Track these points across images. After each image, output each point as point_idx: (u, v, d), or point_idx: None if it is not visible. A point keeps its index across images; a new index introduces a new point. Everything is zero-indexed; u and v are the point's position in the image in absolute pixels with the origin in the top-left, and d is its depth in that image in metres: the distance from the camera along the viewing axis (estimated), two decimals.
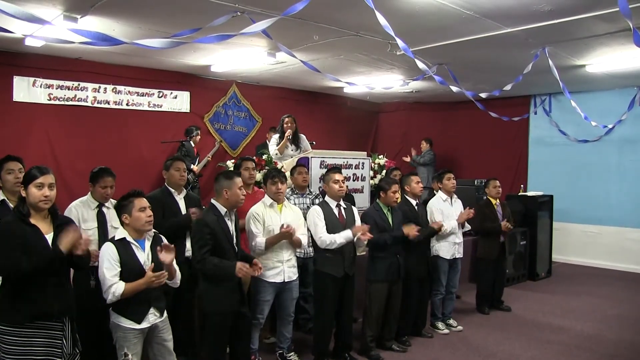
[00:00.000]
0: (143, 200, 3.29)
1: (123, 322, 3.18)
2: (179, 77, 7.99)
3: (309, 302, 5.04)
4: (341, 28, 5.39)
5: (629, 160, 8.69)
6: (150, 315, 3.24)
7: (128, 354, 3.17)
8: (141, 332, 3.22)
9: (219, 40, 4.30)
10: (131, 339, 3.18)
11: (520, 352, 4.89)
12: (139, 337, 3.22)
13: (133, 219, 3.24)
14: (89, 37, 3.84)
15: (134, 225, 3.25)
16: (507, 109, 8.68)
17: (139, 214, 3.23)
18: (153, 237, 3.38)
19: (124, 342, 3.18)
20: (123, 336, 3.18)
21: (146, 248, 3.30)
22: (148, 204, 3.31)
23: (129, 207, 3.25)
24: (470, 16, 4.87)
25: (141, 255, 3.25)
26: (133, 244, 3.24)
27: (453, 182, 5.57)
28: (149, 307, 3.23)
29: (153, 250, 3.30)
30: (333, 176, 4.48)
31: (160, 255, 3.18)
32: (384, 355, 4.69)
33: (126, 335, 3.18)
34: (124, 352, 3.17)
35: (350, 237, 4.25)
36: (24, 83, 6.69)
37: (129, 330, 3.18)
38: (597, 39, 5.63)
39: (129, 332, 3.18)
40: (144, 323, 3.21)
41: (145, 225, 3.26)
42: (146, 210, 3.26)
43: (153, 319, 3.26)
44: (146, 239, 3.33)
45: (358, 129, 10.77)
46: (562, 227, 8.96)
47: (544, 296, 6.96)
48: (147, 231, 3.31)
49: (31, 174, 2.83)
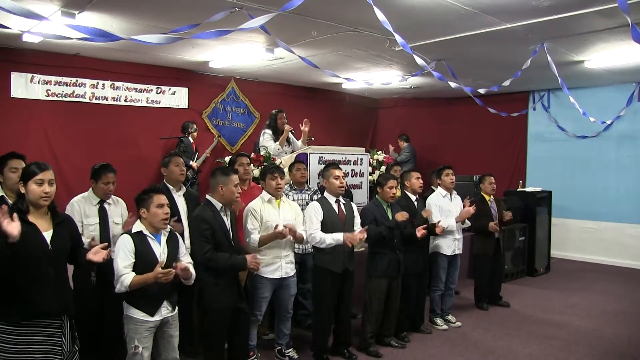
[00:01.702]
0: (162, 197, 3.35)
1: (136, 313, 3.21)
2: (177, 73, 7.97)
3: (308, 298, 5.04)
4: (339, 24, 5.38)
5: (628, 156, 8.70)
6: (163, 309, 3.29)
7: (139, 346, 3.18)
8: (153, 325, 3.25)
9: (217, 36, 4.27)
10: (143, 332, 3.21)
11: (518, 347, 4.90)
12: (150, 331, 3.25)
13: (150, 214, 3.29)
14: (87, 33, 3.81)
15: (151, 221, 3.30)
16: (506, 105, 8.64)
17: (156, 210, 3.29)
18: (169, 232, 3.44)
19: (134, 334, 3.20)
20: (134, 328, 3.21)
21: (162, 242, 3.36)
22: (167, 201, 3.37)
23: (147, 202, 3.30)
24: (469, 12, 4.86)
25: (157, 248, 3.31)
26: (149, 237, 3.30)
27: (452, 177, 5.55)
28: (162, 300, 3.27)
29: (169, 244, 3.38)
30: (333, 172, 4.48)
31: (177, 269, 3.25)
32: (383, 351, 4.70)
33: (137, 327, 3.21)
34: (135, 345, 3.18)
35: (340, 241, 4.23)
36: (22, 79, 6.67)
37: (141, 322, 3.21)
38: (595, 35, 5.62)
39: (141, 324, 3.21)
40: (157, 316, 3.25)
41: (160, 222, 3.31)
42: (164, 208, 3.32)
43: (165, 312, 3.30)
44: (162, 234, 3.38)
45: (357, 125, 10.76)
46: (561, 223, 8.98)
47: (543, 292, 6.97)
48: (162, 228, 3.35)
49: (30, 170, 2.81)
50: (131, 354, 3.21)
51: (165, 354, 3.39)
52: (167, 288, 3.29)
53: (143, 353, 3.21)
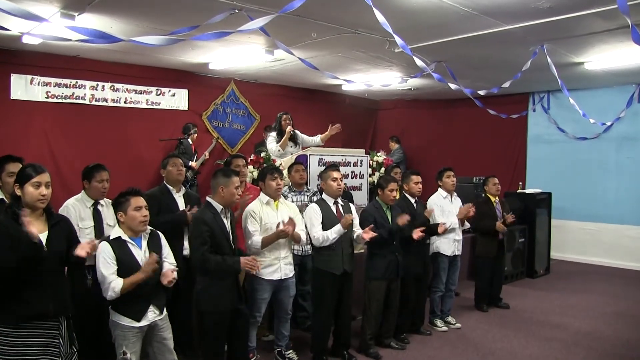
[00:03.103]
0: (139, 199, 3.26)
1: (122, 320, 3.16)
2: (177, 74, 7.97)
3: (308, 299, 5.04)
4: (339, 25, 5.38)
5: (627, 157, 8.70)
6: (150, 313, 3.22)
7: (127, 352, 3.15)
8: (140, 331, 3.20)
9: (216, 37, 4.28)
10: (130, 338, 3.16)
11: (518, 349, 4.89)
12: (138, 336, 3.20)
13: (128, 218, 3.22)
14: (87, 35, 3.82)
15: (129, 224, 3.23)
16: (506, 107, 8.67)
17: (134, 213, 3.21)
18: (150, 234, 3.36)
19: (122, 341, 3.16)
20: (122, 334, 3.16)
21: (143, 246, 3.28)
22: (145, 203, 3.28)
23: (124, 205, 3.22)
24: (469, 13, 4.86)
25: (138, 253, 3.23)
26: (129, 242, 3.23)
27: (453, 179, 5.56)
28: (148, 304, 3.21)
29: (150, 247, 3.29)
30: (331, 174, 4.48)
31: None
32: (383, 353, 4.69)
33: (125, 333, 3.16)
34: (123, 351, 3.15)
35: (341, 229, 4.24)
36: (22, 81, 6.68)
37: (128, 328, 3.16)
38: (595, 37, 5.62)
39: (128, 330, 3.16)
40: (144, 321, 3.19)
41: (139, 225, 3.23)
42: (142, 210, 3.24)
43: (152, 316, 3.24)
44: (142, 237, 3.31)
45: (356, 127, 10.74)
46: (561, 225, 8.98)
47: (542, 293, 6.97)
48: (141, 231, 3.28)
49: (26, 173, 2.79)
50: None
51: (162, 357, 3.34)
52: (153, 292, 3.23)
53: (131, 358, 3.17)
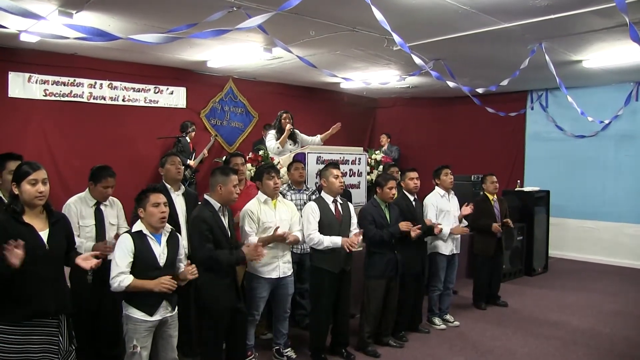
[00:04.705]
0: (159, 196, 3.33)
1: (135, 313, 3.20)
2: (175, 72, 7.97)
3: (306, 298, 5.04)
4: (337, 23, 5.38)
5: (626, 155, 8.71)
6: (162, 309, 3.27)
7: (137, 346, 3.18)
8: (152, 325, 3.24)
9: (215, 35, 4.27)
10: (142, 332, 3.20)
11: (516, 347, 4.90)
12: (149, 330, 3.24)
13: (147, 214, 3.29)
14: (84, 33, 3.80)
15: (148, 220, 3.30)
16: (504, 105, 8.67)
17: (152, 209, 3.28)
18: (170, 232, 3.42)
19: (134, 334, 3.20)
20: (133, 328, 3.20)
21: (162, 242, 3.34)
22: (164, 199, 3.35)
23: (144, 201, 3.30)
24: (467, 11, 4.86)
25: (157, 248, 3.30)
26: (149, 237, 3.29)
27: (451, 177, 5.55)
28: (161, 299, 3.26)
29: (169, 244, 3.36)
30: (333, 171, 4.47)
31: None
32: (381, 351, 4.69)
33: (137, 327, 3.20)
34: (133, 345, 3.18)
35: (339, 244, 4.24)
36: (19, 79, 6.67)
37: (140, 322, 3.20)
38: (593, 34, 5.63)
39: (140, 324, 3.20)
40: (156, 315, 3.24)
41: (157, 222, 3.30)
42: (160, 206, 3.30)
43: (165, 312, 3.29)
44: (163, 234, 3.37)
45: (355, 125, 10.73)
46: (559, 223, 8.98)
47: (541, 291, 6.98)
48: (160, 227, 3.34)
49: (23, 171, 2.78)
50: (130, 354, 3.21)
51: (164, 354, 3.38)
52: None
53: (142, 353, 3.20)
